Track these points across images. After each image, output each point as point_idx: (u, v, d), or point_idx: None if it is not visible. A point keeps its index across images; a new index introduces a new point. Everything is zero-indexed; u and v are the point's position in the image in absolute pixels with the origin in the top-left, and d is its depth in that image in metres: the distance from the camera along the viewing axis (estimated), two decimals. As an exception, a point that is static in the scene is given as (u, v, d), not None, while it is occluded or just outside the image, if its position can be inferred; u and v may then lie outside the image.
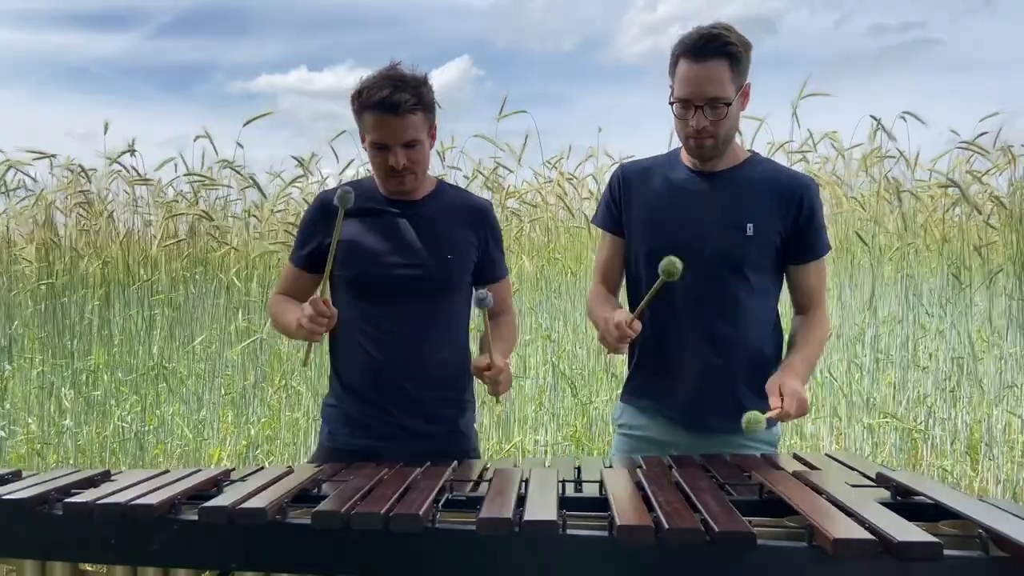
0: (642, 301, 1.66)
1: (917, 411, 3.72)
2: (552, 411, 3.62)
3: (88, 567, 1.37)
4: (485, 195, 3.60)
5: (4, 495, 1.31)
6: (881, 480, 1.38)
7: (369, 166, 1.82)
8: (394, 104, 1.65)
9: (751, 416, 1.53)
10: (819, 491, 1.25)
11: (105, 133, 3.30)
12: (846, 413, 3.66)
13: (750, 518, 1.13)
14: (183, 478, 1.40)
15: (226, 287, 3.63)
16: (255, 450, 3.25)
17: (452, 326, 1.82)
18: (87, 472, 1.48)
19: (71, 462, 3.25)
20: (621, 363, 3.71)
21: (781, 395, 1.59)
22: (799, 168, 3.85)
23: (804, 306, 1.84)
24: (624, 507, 1.18)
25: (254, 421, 3.29)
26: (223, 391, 3.40)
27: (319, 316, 1.63)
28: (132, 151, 3.36)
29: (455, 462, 1.55)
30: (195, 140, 3.49)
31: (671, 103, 1.75)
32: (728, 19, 1.76)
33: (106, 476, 1.47)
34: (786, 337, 1.87)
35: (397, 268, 1.75)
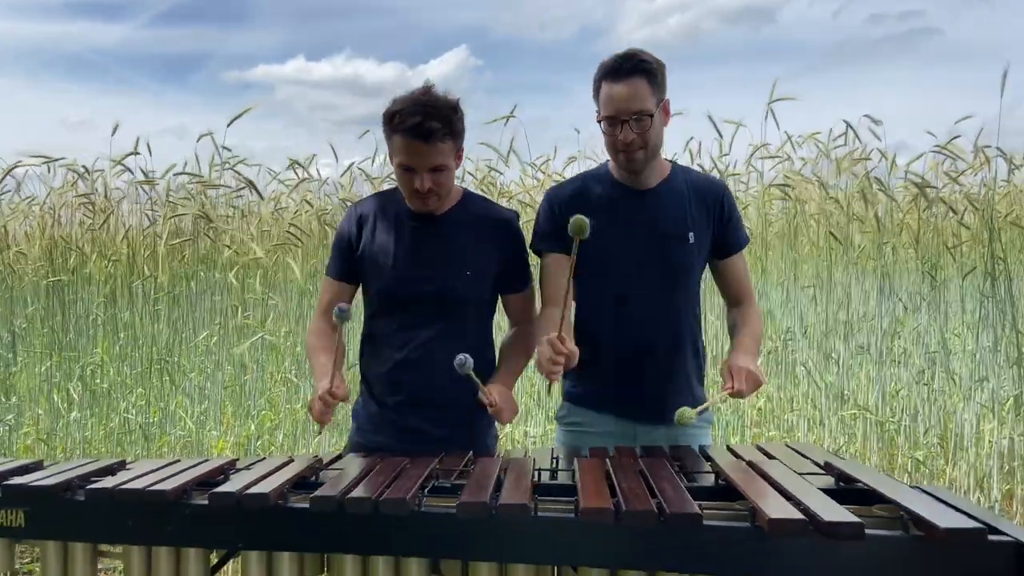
0: (566, 281, 1.73)
1: (893, 404, 3.87)
2: (540, 404, 3.75)
3: (106, 548, 1.50)
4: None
5: (30, 482, 1.44)
6: (827, 468, 1.52)
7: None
8: (426, 132, 1.72)
9: (681, 412, 1.67)
10: (767, 478, 1.39)
11: (113, 135, 3.42)
12: (823, 405, 3.80)
13: (702, 502, 1.27)
14: (192, 467, 1.54)
15: (226, 285, 3.76)
16: (256, 441, 3.39)
17: (472, 336, 1.88)
18: (105, 461, 1.62)
19: (78, 453, 3.38)
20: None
21: (732, 375, 1.74)
22: (781, 168, 3.99)
23: (738, 297, 2.02)
24: (589, 492, 1.32)
25: (254, 414, 3.43)
26: (224, 385, 3.53)
27: (326, 408, 1.72)
28: (136, 153, 3.48)
29: (443, 453, 1.68)
30: (198, 140, 3.61)
31: (599, 122, 1.88)
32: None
33: (122, 465, 1.60)
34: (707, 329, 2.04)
35: (415, 283, 1.84)
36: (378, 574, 1.34)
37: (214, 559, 1.47)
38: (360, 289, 1.97)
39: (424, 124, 1.73)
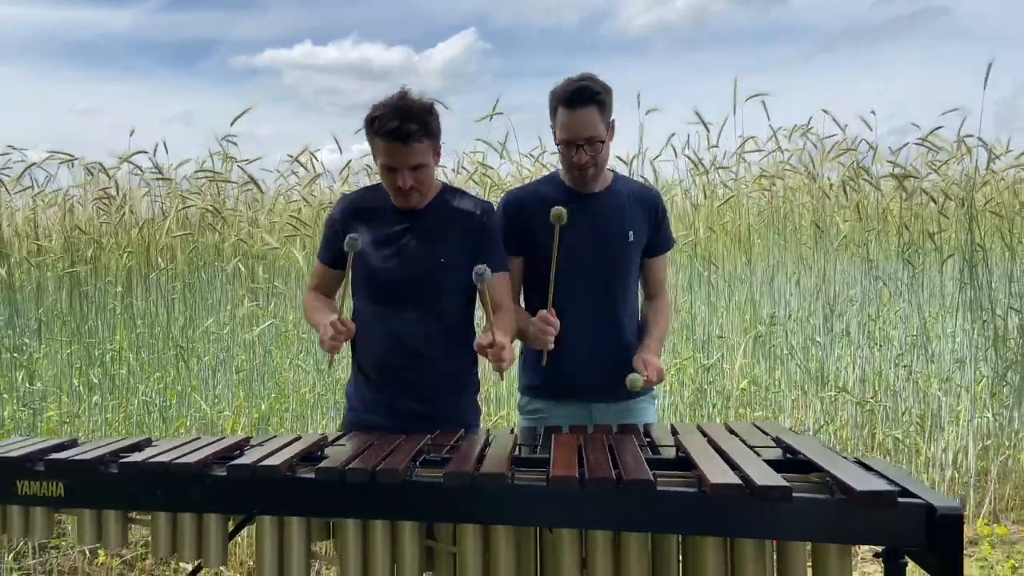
0: (551, 273, 1.98)
1: (874, 384, 4.04)
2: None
3: (135, 515, 1.69)
4: (473, 189, 3.90)
5: (69, 457, 1.63)
6: (777, 442, 1.69)
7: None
8: (404, 134, 1.90)
9: (633, 377, 1.94)
10: (720, 451, 1.56)
11: (131, 135, 3.60)
12: (809, 388, 3.97)
13: (659, 471, 1.44)
14: (211, 443, 1.72)
15: (234, 274, 3.95)
16: (266, 422, 3.59)
17: (452, 321, 2.05)
18: (132, 439, 1.81)
19: (99, 435, 3.58)
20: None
21: (644, 368, 2.02)
22: (770, 159, 4.14)
23: (654, 291, 2.31)
24: (561, 463, 1.49)
25: (264, 396, 3.63)
26: (235, 370, 3.73)
27: (337, 334, 1.91)
28: (143, 151, 3.67)
29: (437, 431, 1.86)
30: (221, 139, 3.80)
31: (557, 144, 2.13)
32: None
33: (148, 442, 1.79)
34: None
35: (396, 272, 2.02)
36: (376, 536, 1.53)
37: (231, 524, 1.66)
38: (344, 302, 2.15)
39: (402, 127, 1.90)
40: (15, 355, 3.56)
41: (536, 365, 2.15)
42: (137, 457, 1.60)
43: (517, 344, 2.15)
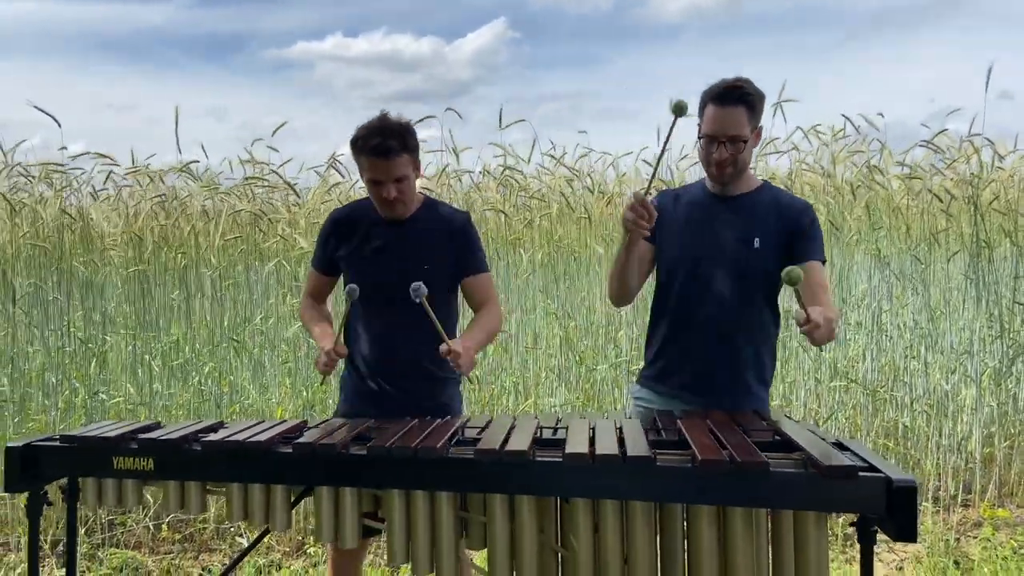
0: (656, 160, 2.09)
1: (885, 373, 4.23)
2: (562, 378, 4.19)
3: (212, 486, 1.96)
4: (500, 192, 4.16)
5: (159, 437, 1.91)
6: (770, 426, 1.92)
7: None
8: (385, 149, 2.15)
9: (794, 271, 1.71)
10: (714, 434, 1.80)
11: (174, 128, 3.91)
12: (823, 378, 4.18)
13: (658, 451, 1.68)
14: (275, 425, 2.00)
15: (277, 270, 4.25)
16: (310, 408, 3.88)
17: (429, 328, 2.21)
18: (207, 422, 2.09)
19: (161, 419, 3.90)
20: (622, 337, 4.27)
21: (809, 314, 1.87)
22: (790, 159, 4.33)
23: (814, 299, 2.08)
24: (575, 443, 1.74)
25: (308, 385, 3.93)
26: (281, 360, 4.03)
27: (331, 362, 2.19)
28: (196, 161, 3.99)
29: (467, 416, 2.11)
30: (252, 144, 4.08)
31: (699, 138, 2.21)
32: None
33: (220, 425, 2.07)
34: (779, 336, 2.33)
35: (383, 276, 2.26)
36: (417, 504, 1.78)
37: (293, 495, 1.93)
38: (340, 280, 2.41)
39: (383, 143, 2.16)
40: (89, 346, 3.89)
41: (650, 360, 2.34)
42: (216, 436, 1.88)
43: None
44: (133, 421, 2.15)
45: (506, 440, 1.81)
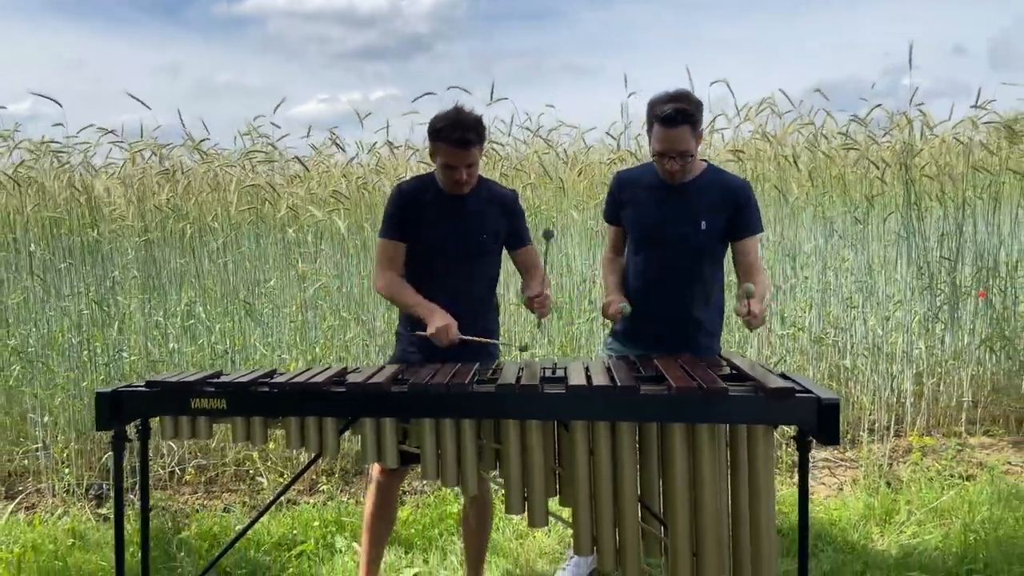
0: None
1: (830, 322, 4.75)
2: (544, 332, 4.63)
3: (274, 421, 2.35)
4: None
5: (231, 380, 2.29)
6: (728, 363, 2.38)
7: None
8: (464, 142, 2.53)
9: (749, 287, 2.40)
10: (685, 369, 2.25)
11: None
12: (774, 327, 4.68)
13: (643, 384, 2.12)
14: (324, 370, 2.40)
15: (284, 240, 4.61)
16: (318, 364, 4.27)
17: (484, 282, 2.75)
18: (264, 369, 2.48)
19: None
20: (597, 293, 4.71)
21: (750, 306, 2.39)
22: (738, 132, 4.77)
23: (748, 272, 2.66)
24: (574, 378, 2.17)
25: (316, 342, 4.32)
26: (289, 320, 4.41)
27: (444, 343, 2.52)
28: (207, 138, 4.29)
29: (477, 363, 2.52)
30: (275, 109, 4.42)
31: (652, 154, 2.63)
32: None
33: (275, 372, 2.45)
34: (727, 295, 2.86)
35: (448, 241, 2.67)
36: (445, 430, 2.20)
37: (340, 426, 2.33)
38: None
39: (463, 136, 2.54)
40: (105, 309, 4.22)
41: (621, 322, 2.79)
42: (280, 379, 2.27)
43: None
44: (198, 371, 2.54)
45: (518, 378, 2.23)
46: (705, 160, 2.80)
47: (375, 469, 2.76)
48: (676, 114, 2.49)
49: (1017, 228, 4.82)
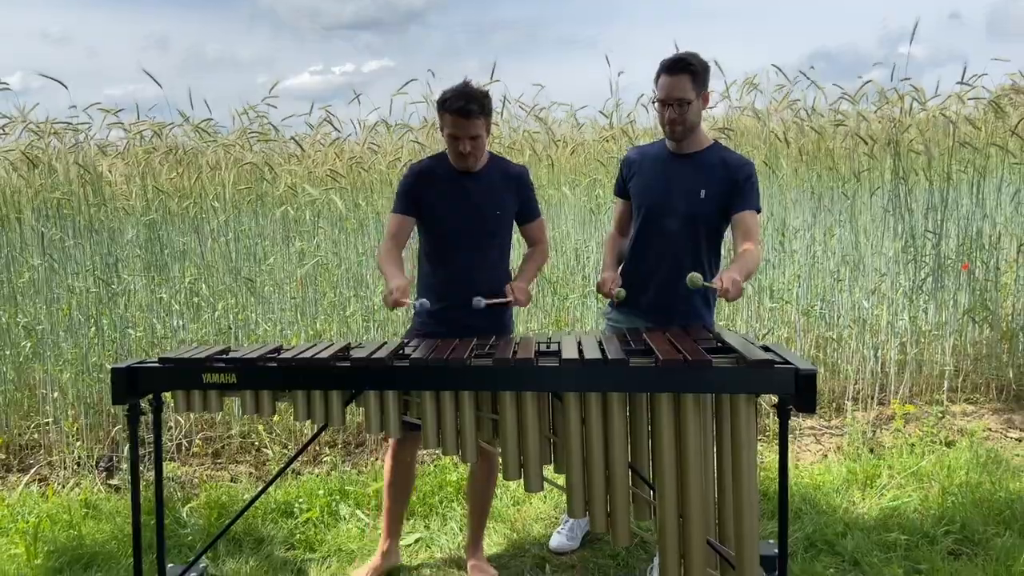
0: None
1: (817, 295, 4.87)
2: (539, 305, 4.75)
3: (282, 394, 2.47)
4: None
5: (240, 356, 2.41)
6: (715, 336, 2.50)
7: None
8: (467, 111, 2.63)
9: (693, 276, 2.49)
10: (672, 342, 2.36)
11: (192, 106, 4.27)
12: (763, 300, 4.80)
13: (631, 357, 2.24)
14: (329, 346, 2.51)
15: (283, 218, 4.70)
16: (320, 339, 4.39)
17: (496, 257, 2.84)
18: (272, 345, 2.59)
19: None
20: (589, 267, 4.83)
21: (721, 280, 2.43)
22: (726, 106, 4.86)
23: (744, 243, 2.66)
24: (568, 352, 2.29)
25: (316, 317, 4.43)
26: (290, 296, 4.52)
27: (397, 303, 2.59)
28: (210, 119, 4.37)
29: (475, 338, 2.64)
30: (271, 90, 4.47)
31: (653, 102, 2.76)
32: None
33: (281, 348, 2.57)
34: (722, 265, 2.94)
35: (460, 220, 2.77)
36: (445, 402, 2.32)
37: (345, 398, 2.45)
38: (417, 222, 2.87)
39: (466, 106, 2.64)
40: (112, 286, 4.32)
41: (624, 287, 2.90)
42: (287, 355, 2.39)
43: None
44: (209, 346, 2.65)
45: (514, 352, 2.35)
46: (714, 138, 2.93)
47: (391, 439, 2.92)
48: (678, 61, 2.65)
49: (1001, 201, 4.94)
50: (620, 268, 2.97)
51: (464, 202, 2.79)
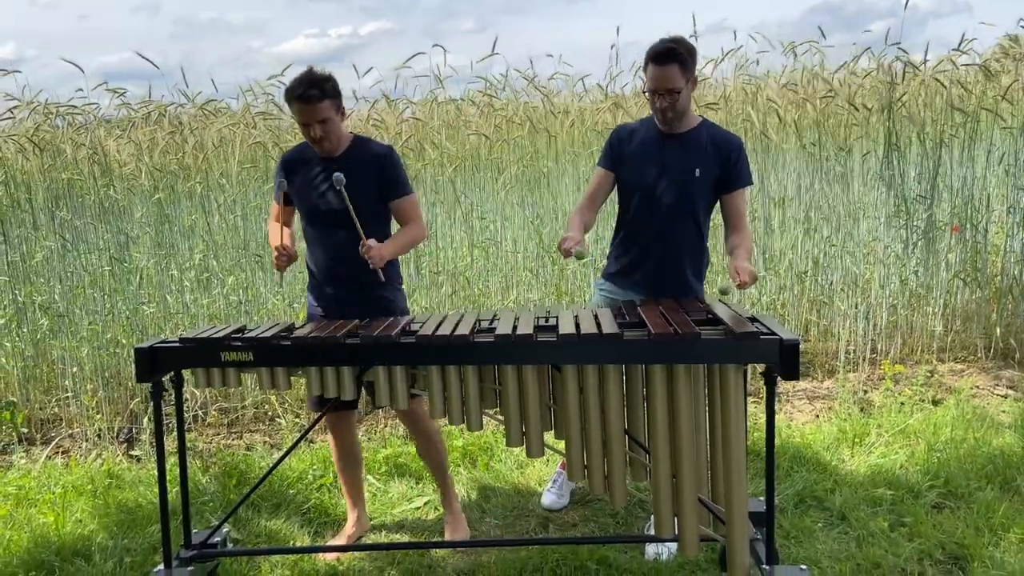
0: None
1: (811, 258, 4.99)
2: (539, 276, 4.88)
3: (295, 371, 2.61)
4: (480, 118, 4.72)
5: (256, 335, 2.54)
6: (706, 308, 2.63)
7: None
8: (308, 97, 2.70)
9: (724, 285, 2.55)
10: (664, 315, 2.49)
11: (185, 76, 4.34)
12: (760, 265, 4.92)
13: (625, 330, 2.37)
14: (338, 324, 2.64)
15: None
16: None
17: (369, 235, 2.76)
18: (284, 323, 2.72)
19: (197, 325, 4.52)
20: (591, 242, 4.94)
21: (738, 273, 2.53)
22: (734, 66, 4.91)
23: (735, 223, 2.85)
24: (565, 327, 2.42)
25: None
26: (299, 271, 4.64)
27: (279, 256, 2.79)
28: (214, 99, 4.45)
29: (477, 313, 2.77)
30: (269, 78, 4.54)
31: (643, 92, 2.83)
32: None
33: (294, 326, 2.70)
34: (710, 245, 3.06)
35: (327, 203, 2.86)
36: (450, 376, 2.46)
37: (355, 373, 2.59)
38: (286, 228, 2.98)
39: (307, 92, 2.71)
40: (124, 264, 4.45)
41: (613, 261, 3.04)
42: (301, 333, 2.52)
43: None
44: (224, 325, 2.78)
45: (515, 328, 2.48)
46: (700, 115, 3.00)
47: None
48: (666, 52, 2.71)
49: (991, 164, 5.03)
50: (611, 243, 3.07)
51: (326, 186, 2.85)
